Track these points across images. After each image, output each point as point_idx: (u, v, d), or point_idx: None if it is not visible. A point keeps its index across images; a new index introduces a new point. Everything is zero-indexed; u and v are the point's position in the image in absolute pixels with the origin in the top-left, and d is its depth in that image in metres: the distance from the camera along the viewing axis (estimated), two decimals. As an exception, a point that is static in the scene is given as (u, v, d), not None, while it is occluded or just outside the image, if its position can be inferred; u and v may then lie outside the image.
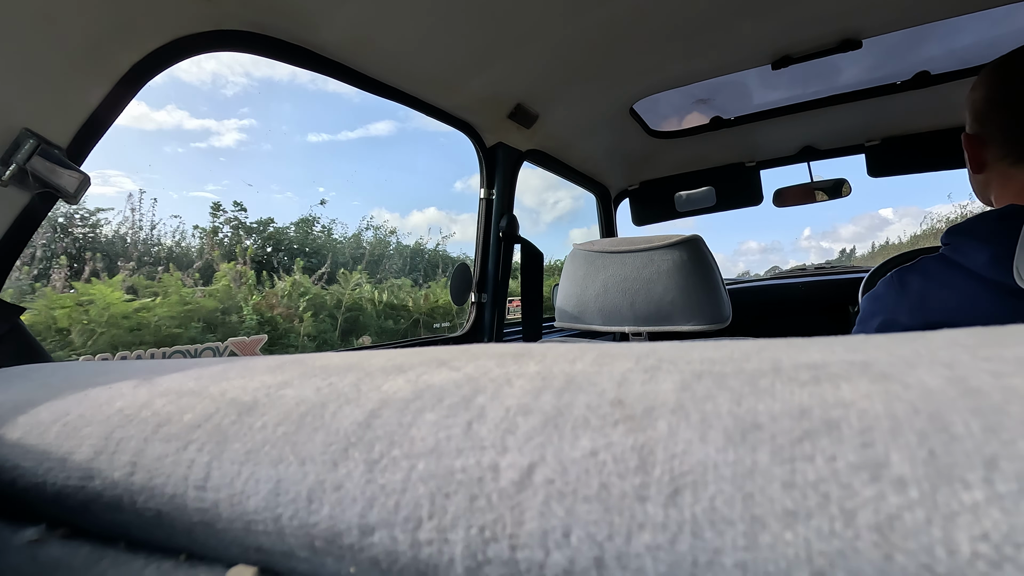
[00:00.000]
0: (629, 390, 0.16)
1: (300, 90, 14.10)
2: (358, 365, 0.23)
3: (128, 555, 0.21)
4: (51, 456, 0.22)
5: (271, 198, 8.69)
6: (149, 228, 3.64)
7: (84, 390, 0.27)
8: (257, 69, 12.45)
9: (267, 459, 0.18)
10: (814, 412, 0.13)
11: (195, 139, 9.54)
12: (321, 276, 3.45)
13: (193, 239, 3.83)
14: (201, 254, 3.45)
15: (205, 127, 10.30)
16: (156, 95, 7.74)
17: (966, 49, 1.36)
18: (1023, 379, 0.13)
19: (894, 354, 0.15)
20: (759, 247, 44.37)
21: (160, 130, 8.18)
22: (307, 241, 4.81)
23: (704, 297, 0.94)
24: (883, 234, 32.42)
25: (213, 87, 10.92)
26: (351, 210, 17.14)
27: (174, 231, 4.50)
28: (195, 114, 9.94)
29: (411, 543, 0.15)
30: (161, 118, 8.03)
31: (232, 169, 10.45)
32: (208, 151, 9.82)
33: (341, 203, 14.56)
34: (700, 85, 1.40)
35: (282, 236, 4.68)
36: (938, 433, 0.12)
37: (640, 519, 0.13)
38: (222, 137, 10.97)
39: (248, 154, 10.66)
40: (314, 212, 5.17)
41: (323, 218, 5.46)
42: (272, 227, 4.63)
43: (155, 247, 3.66)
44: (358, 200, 14.87)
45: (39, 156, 0.60)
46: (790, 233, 47.48)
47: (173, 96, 8.06)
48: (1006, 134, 0.67)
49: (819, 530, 0.11)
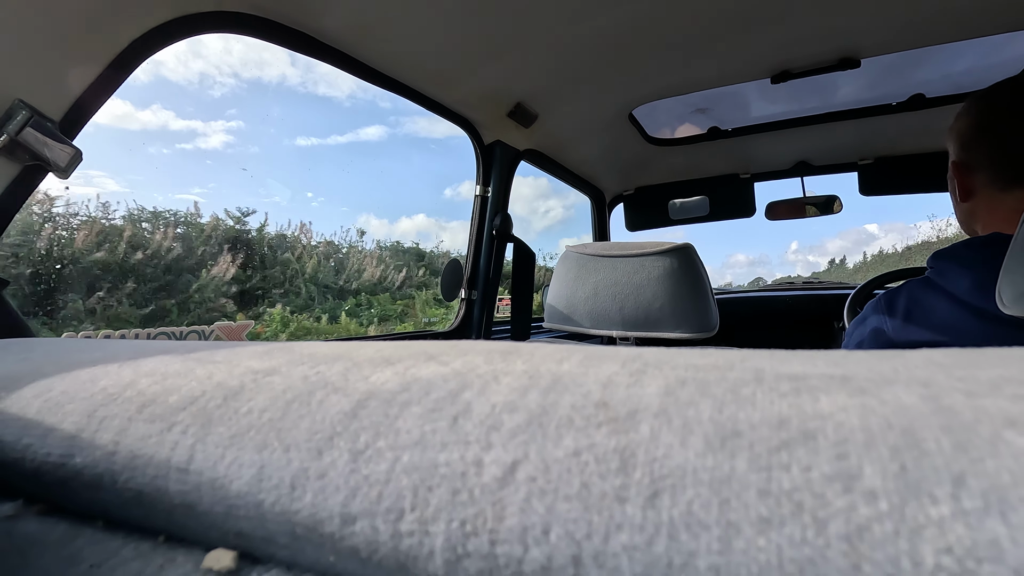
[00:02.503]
0: (614, 392, 0.16)
1: (289, 93, 14.00)
2: (346, 355, 0.23)
3: (105, 534, 0.21)
4: (31, 431, 0.22)
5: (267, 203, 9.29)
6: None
7: (68, 367, 0.26)
8: (246, 70, 12.34)
9: (251, 444, 0.18)
10: (792, 422, 0.13)
11: (181, 140, 9.46)
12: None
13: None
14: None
15: (191, 128, 10.19)
16: (141, 94, 7.70)
17: (961, 75, 1.39)
18: (994, 400, 0.13)
19: (872, 370, 0.16)
20: (747, 259, 44.60)
21: (145, 130, 8.12)
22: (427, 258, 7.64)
23: (693, 305, 0.95)
24: (870, 249, 33.09)
25: (200, 87, 10.80)
26: (341, 216, 17.44)
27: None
28: (181, 115, 9.85)
29: (392, 534, 0.15)
30: (146, 118, 7.97)
31: (217, 172, 10.39)
32: (194, 152, 9.73)
33: (331, 208, 14.59)
34: (699, 95, 1.41)
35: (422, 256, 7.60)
36: (910, 448, 0.12)
37: (619, 519, 0.13)
38: (208, 139, 10.89)
39: (235, 156, 10.62)
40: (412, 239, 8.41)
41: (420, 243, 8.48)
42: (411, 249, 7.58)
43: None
44: (346, 207, 14.92)
45: (31, 128, 0.59)
46: (778, 246, 47.99)
47: (158, 96, 8.02)
48: (993, 159, 0.68)
49: (791, 537, 0.11)
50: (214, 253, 5.09)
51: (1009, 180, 0.67)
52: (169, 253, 4.64)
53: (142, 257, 4.41)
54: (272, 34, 0.86)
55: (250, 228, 5.79)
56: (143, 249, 4.50)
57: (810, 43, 1.15)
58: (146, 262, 4.44)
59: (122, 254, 4.28)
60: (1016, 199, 0.65)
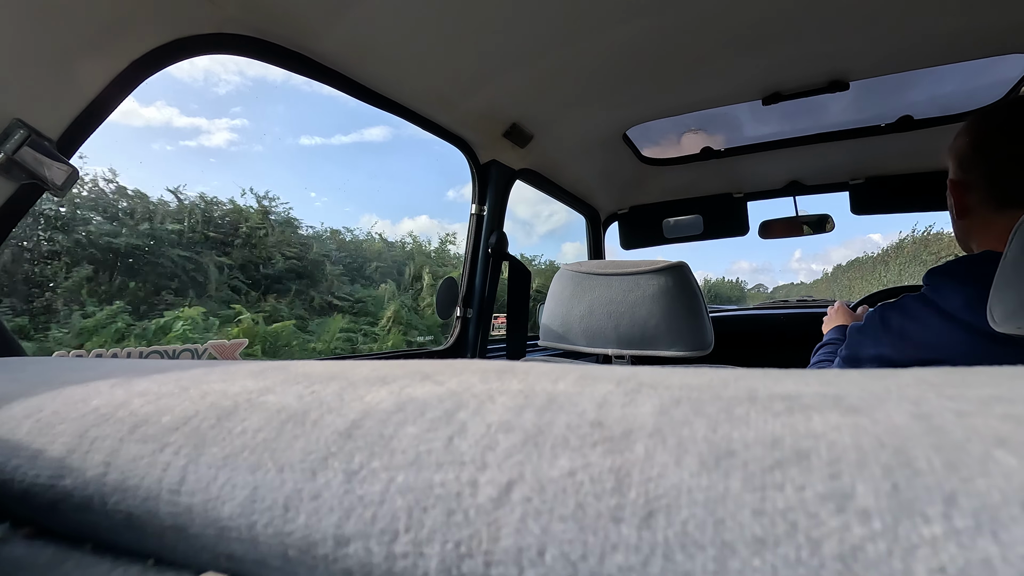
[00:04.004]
0: (609, 412, 0.16)
1: (294, 91, 14.12)
2: (341, 374, 0.23)
3: (94, 557, 0.20)
4: (21, 452, 0.22)
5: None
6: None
7: (59, 386, 0.26)
8: (251, 68, 12.49)
9: (245, 465, 0.18)
10: (786, 442, 0.14)
11: (184, 137, 9.53)
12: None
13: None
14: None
15: (195, 125, 10.29)
16: (145, 90, 7.83)
17: (947, 96, 1.42)
18: (984, 419, 0.13)
19: (865, 389, 0.16)
20: (750, 267, 44.60)
21: (148, 127, 8.17)
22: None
23: (687, 324, 0.95)
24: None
25: (205, 84, 10.90)
26: (345, 216, 17.58)
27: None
28: (185, 112, 9.96)
29: (386, 555, 0.15)
30: (150, 114, 8.03)
31: (222, 171, 10.49)
32: (198, 150, 9.81)
33: (335, 208, 14.67)
34: (692, 115, 1.43)
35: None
36: (902, 467, 0.12)
37: (614, 540, 0.13)
38: (212, 136, 10.97)
39: (238, 154, 10.69)
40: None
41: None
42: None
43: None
44: (349, 207, 14.96)
45: (28, 147, 0.60)
46: (781, 255, 48.14)
47: (163, 93, 8.12)
48: (989, 180, 0.70)
49: (786, 558, 0.11)
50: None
51: (1002, 201, 0.68)
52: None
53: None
54: (271, 56, 0.87)
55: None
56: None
57: (800, 66, 1.17)
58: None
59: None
60: (1009, 219, 0.66)
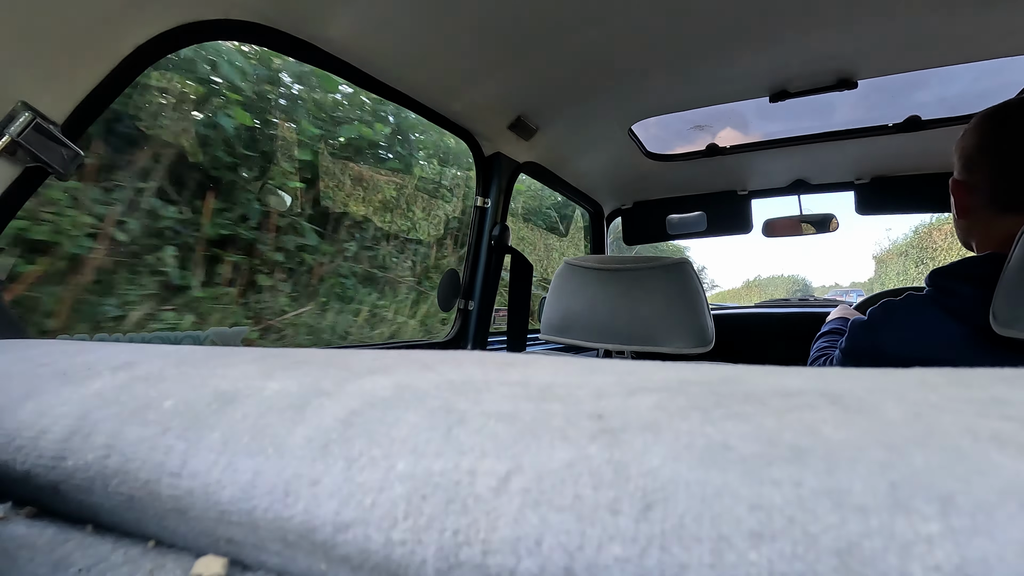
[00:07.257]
0: (608, 404, 0.16)
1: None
2: (342, 362, 0.23)
3: (95, 538, 0.20)
4: (23, 434, 0.22)
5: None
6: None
7: (62, 369, 0.26)
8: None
9: (245, 450, 0.18)
10: (784, 438, 0.14)
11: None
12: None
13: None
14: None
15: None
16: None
17: (956, 97, 1.41)
18: (983, 420, 0.13)
19: (864, 387, 0.16)
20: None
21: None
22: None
23: (689, 320, 0.95)
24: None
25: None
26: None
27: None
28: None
29: (385, 542, 0.15)
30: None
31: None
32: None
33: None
34: (698, 111, 1.42)
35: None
36: (899, 466, 0.12)
37: (611, 531, 0.13)
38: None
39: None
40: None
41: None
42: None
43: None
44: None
45: (33, 130, 0.60)
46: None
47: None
48: (993, 182, 0.69)
49: (782, 552, 0.11)
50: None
51: (1005, 204, 0.68)
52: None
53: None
54: (276, 43, 0.87)
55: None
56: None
57: (808, 63, 1.16)
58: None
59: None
60: (1011, 223, 0.66)
